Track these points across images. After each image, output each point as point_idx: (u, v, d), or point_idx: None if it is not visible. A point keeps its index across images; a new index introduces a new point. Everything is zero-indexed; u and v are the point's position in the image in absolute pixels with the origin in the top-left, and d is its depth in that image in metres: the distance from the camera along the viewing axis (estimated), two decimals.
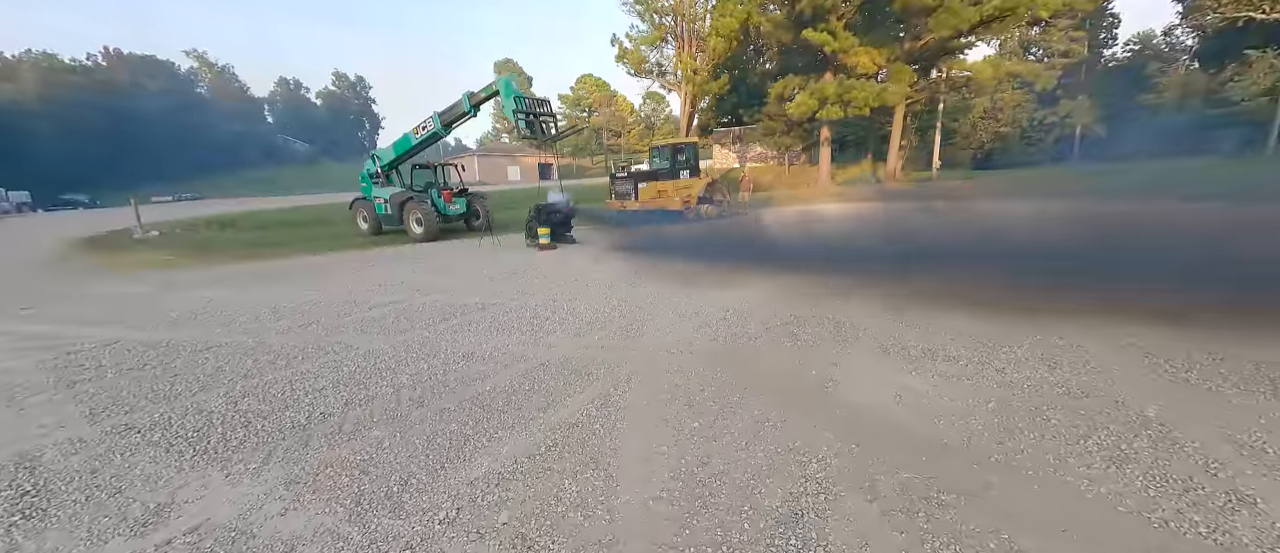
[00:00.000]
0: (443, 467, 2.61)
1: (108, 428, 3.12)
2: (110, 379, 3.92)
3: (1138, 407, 3.02)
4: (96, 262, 10.70)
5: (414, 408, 3.30)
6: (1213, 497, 2.21)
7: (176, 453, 2.80)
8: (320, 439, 2.92)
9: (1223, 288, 4.70)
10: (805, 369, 3.78)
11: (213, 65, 77.79)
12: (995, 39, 45.67)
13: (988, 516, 2.15)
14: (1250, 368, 3.44)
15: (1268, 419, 2.82)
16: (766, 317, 5.13)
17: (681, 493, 2.36)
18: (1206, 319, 4.17)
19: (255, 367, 4.12)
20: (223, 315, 5.81)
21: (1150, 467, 2.44)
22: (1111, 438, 2.70)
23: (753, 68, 35.26)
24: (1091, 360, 3.71)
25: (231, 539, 2.11)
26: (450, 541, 2.07)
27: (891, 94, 22.17)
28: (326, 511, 2.28)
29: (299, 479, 2.52)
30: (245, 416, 3.23)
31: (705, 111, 41.53)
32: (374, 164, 14.31)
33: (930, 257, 7.66)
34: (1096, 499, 2.23)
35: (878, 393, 3.35)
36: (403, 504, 2.31)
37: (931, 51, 24.58)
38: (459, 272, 8.31)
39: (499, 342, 4.61)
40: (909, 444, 2.72)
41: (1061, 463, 2.51)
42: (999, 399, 3.19)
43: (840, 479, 2.44)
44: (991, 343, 4.15)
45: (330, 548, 2.04)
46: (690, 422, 3.02)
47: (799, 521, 2.16)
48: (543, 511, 2.25)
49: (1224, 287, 4.73)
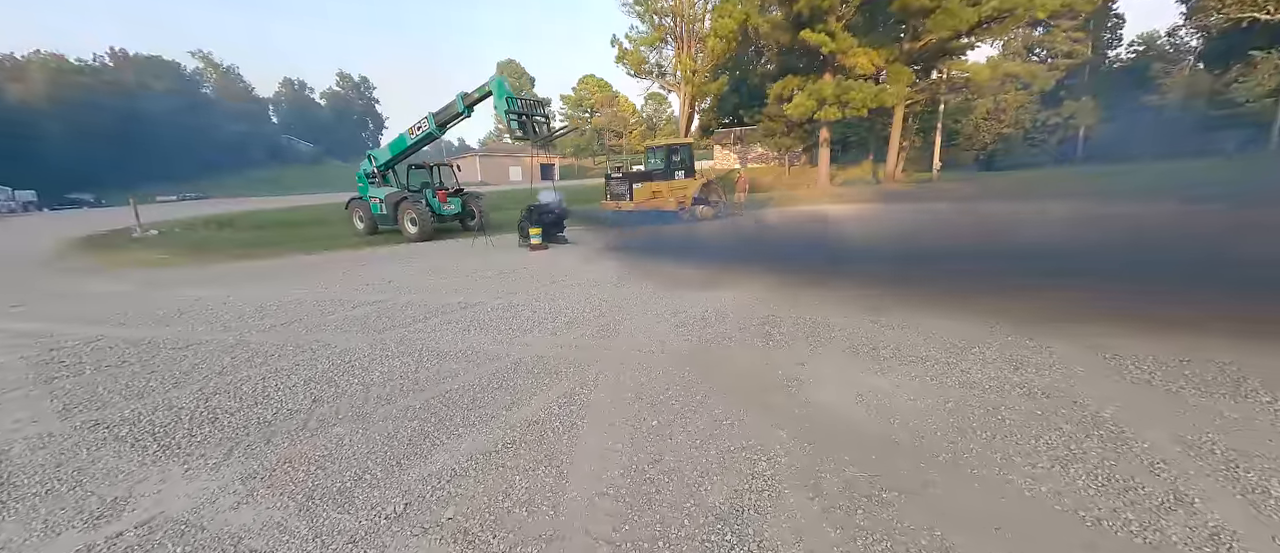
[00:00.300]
0: (399, 463, 2.65)
1: (78, 423, 3.18)
2: (88, 376, 3.99)
3: (1095, 408, 3.03)
4: (92, 261, 10.82)
5: (380, 405, 3.35)
6: (1151, 497, 2.22)
7: (141, 448, 2.86)
8: (283, 436, 2.97)
9: (1207, 292, 4.71)
10: (772, 369, 3.81)
11: (218, 66, 78.39)
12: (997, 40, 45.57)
13: (925, 513, 2.17)
14: (1215, 370, 3.45)
15: (1222, 420, 2.83)
16: (744, 317, 5.16)
17: (629, 490, 2.40)
18: (1189, 324, 4.17)
19: (231, 364, 4.18)
20: (208, 314, 5.89)
21: (1095, 467, 2.46)
22: (1063, 438, 2.71)
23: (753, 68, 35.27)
24: (1058, 362, 3.72)
25: (180, 532, 2.16)
26: (393, 535, 2.11)
27: (889, 95, 22.15)
28: (277, 505, 2.32)
29: (256, 474, 2.57)
30: (214, 412, 3.29)
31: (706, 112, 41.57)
32: (370, 164, 14.41)
33: (917, 258, 7.68)
34: (1035, 498, 2.25)
35: (839, 393, 3.37)
36: (353, 500, 2.36)
37: (931, 52, 24.53)
38: (448, 271, 8.37)
39: (475, 341, 4.66)
40: (861, 443, 2.75)
41: (1007, 462, 2.53)
42: (958, 399, 3.21)
43: (787, 477, 2.46)
44: (963, 344, 4.17)
45: (276, 542, 2.09)
46: (649, 420, 3.05)
47: (739, 517, 2.19)
48: (489, 506, 2.29)
49: (1209, 290, 4.74)
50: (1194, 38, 43.72)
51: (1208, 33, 40.46)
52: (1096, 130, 41.02)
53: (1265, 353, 3.61)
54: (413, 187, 14.00)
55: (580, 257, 9.39)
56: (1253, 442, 2.61)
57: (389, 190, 13.65)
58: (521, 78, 65.16)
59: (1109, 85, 44.09)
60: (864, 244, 9.59)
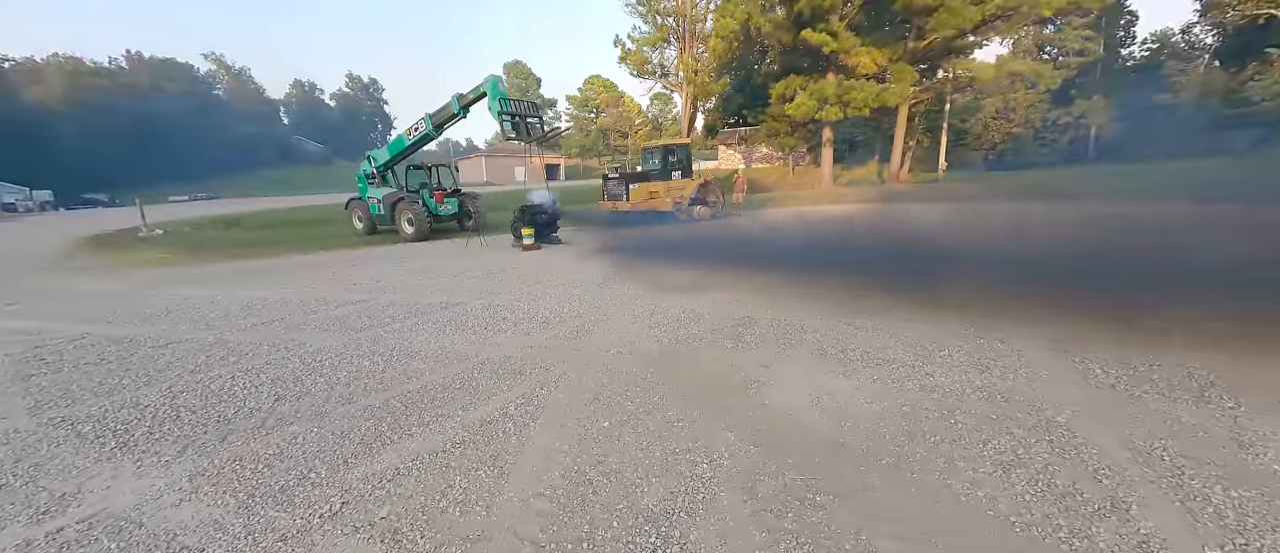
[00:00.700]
0: (346, 462, 2.68)
1: (45, 420, 3.26)
2: (64, 374, 4.07)
3: (1052, 412, 2.99)
4: (96, 260, 11.04)
5: (340, 405, 3.39)
6: (1088, 503, 2.19)
7: (100, 445, 2.92)
8: (240, 434, 3.02)
9: (1198, 295, 4.63)
10: (736, 371, 3.80)
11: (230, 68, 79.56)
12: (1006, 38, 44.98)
13: (855, 517, 2.16)
14: (1183, 375, 3.39)
15: (1178, 426, 2.78)
16: (719, 319, 5.15)
17: (566, 492, 2.41)
18: (1176, 327, 4.09)
19: (205, 362, 4.25)
20: (194, 313, 5.99)
21: (1038, 472, 2.42)
22: (1011, 442, 2.68)
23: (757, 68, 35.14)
24: (1024, 366, 3.67)
25: (119, 528, 2.20)
26: (324, 533, 2.14)
27: (892, 95, 21.97)
28: (218, 503, 2.36)
29: (204, 472, 2.61)
30: (177, 410, 3.35)
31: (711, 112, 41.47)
32: (370, 165, 14.56)
33: (902, 259, 7.62)
34: (970, 504, 2.23)
35: (797, 395, 3.36)
36: (293, 498, 2.39)
37: (936, 51, 24.30)
38: (438, 271, 8.43)
39: (449, 341, 4.70)
40: (808, 446, 2.74)
41: (950, 467, 2.50)
42: (916, 403, 3.18)
43: (726, 480, 2.46)
44: (933, 347, 4.13)
45: (208, 539, 2.12)
46: (602, 422, 3.06)
47: (669, 519, 2.19)
48: (424, 506, 2.31)
49: (1199, 293, 4.65)
50: (1209, 35, 42.87)
51: (1223, 30, 39.67)
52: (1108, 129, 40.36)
53: (1245, 358, 3.53)
54: (411, 187, 14.13)
55: (570, 257, 9.42)
56: (1205, 449, 2.56)
57: (387, 191, 13.79)
58: (528, 78, 65.43)
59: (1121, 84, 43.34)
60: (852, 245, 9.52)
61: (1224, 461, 2.46)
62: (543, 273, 7.95)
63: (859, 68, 22.24)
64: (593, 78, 55.66)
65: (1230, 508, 2.13)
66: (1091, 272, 5.80)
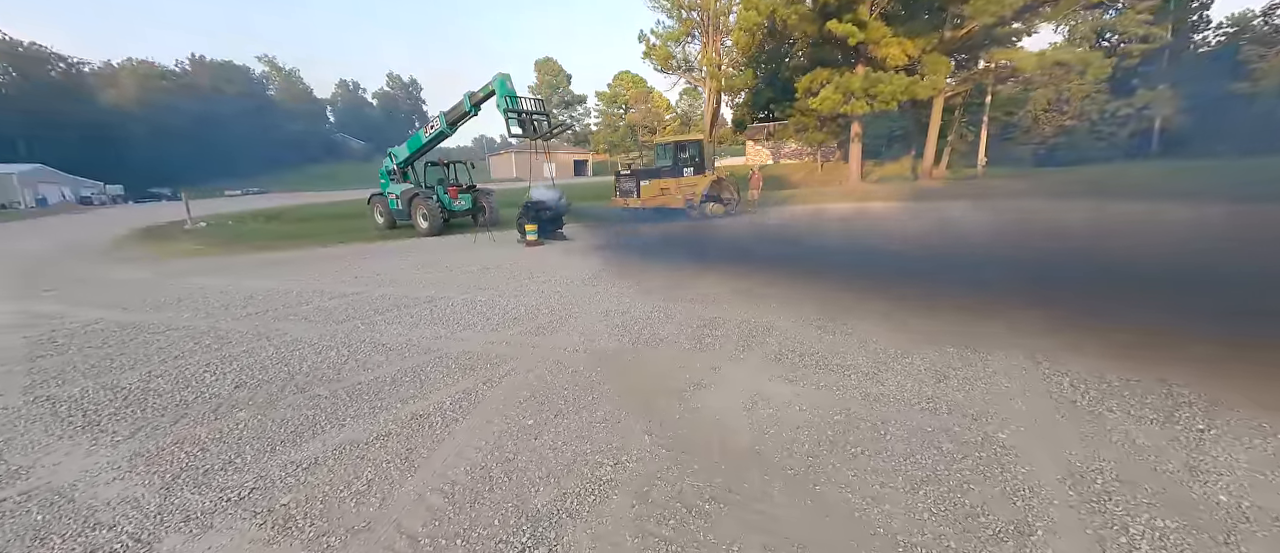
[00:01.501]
0: (273, 450, 2.81)
1: (34, 398, 3.56)
2: (67, 356, 4.43)
3: (995, 427, 2.82)
4: (138, 250, 11.93)
5: (293, 393, 3.55)
6: (991, 526, 2.06)
7: (69, 423, 3.17)
8: (192, 418, 3.21)
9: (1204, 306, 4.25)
10: (683, 373, 3.75)
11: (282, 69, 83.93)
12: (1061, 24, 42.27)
13: (737, 527, 2.11)
14: (1162, 393, 3.12)
15: (1129, 447, 2.57)
16: (689, 319, 5.09)
17: (464, 488, 2.44)
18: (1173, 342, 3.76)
19: (191, 349, 4.54)
20: (201, 301, 6.39)
21: (952, 490, 2.29)
22: (935, 457, 2.55)
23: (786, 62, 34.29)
24: (988, 377, 3.47)
25: (51, 502, 2.39)
26: (224, 516, 2.26)
27: (922, 87, 20.98)
28: (144, 483, 2.52)
29: (145, 453, 2.80)
30: (147, 393, 3.59)
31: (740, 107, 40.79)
32: (391, 162, 15.09)
33: (911, 260, 7.32)
34: (861, 519, 2.13)
35: (734, 399, 3.29)
36: (212, 481, 2.53)
37: (975, 41, 23.07)
38: (438, 266, 8.67)
39: (419, 334, 4.83)
40: (721, 452, 2.68)
41: (861, 479, 2.40)
42: (853, 411, 3.06)
43: (624, 484, 2.44)
44: (898, 354, 3.96)
45: (120, 515, 2.27)
46: (526, 420, 3.09)
47: (550, 520, 2.19)
48: (325, 496, 2.40)
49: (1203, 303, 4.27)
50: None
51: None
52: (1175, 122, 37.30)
53: (1246, 379, 3.19)
54: (429, 183, 14.55)
55: (569, 254, 9.49)
56: (1145, 473, 2.36)
57: (405, 187, 14.25)
58: (558, 75, 66.11)
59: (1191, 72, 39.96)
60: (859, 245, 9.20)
61: (1163, 487, 2.25)
62: (536, 269, 8.05)
63: (889, 59, 21.37)
64: (622, 73, 55.70)
65: (1146, 539, 1.95)
66: (1111, 277, 5.40)
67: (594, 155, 59.38)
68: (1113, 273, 5.52)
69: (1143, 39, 36.86)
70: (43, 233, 18.20)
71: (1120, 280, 5.25)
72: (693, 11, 26.85)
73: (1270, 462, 2.42)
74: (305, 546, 2.07)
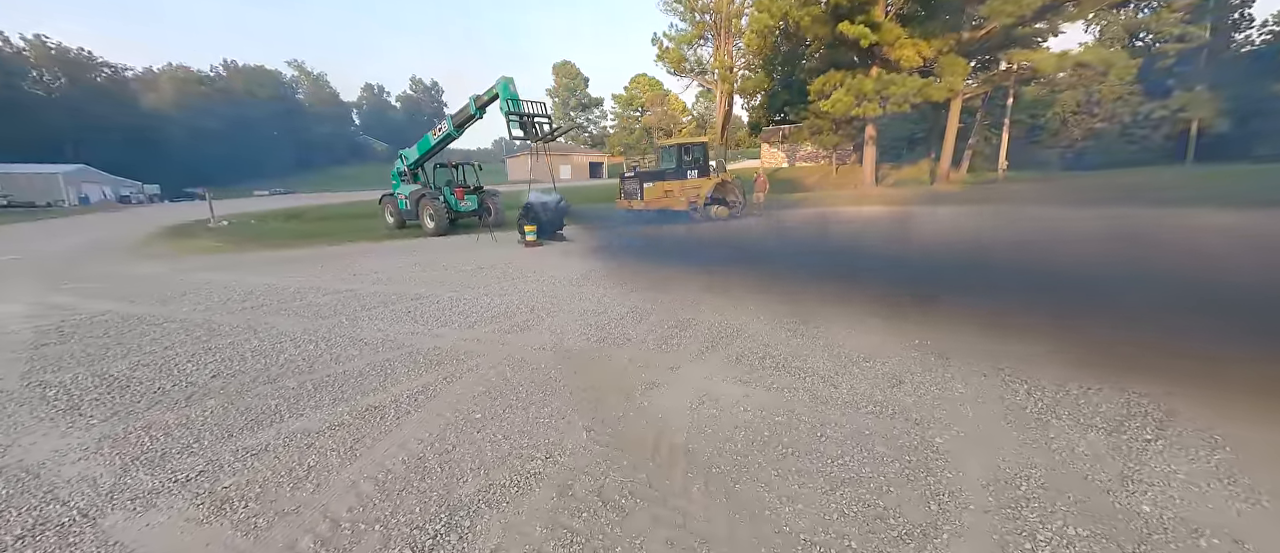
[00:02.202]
0: (229, 436, 2.96)
1: (29, 383, 3.80)
2: (69, 345, 4.70)
3: (935, 432, 2.79)
4: (161, 247, 12.49)
5: (263, 384, 3.71)
6: (897, 529, 2.05)
7: (52, 407, 3.38)
8: (165, 405, 3.39)
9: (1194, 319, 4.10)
10: (641, 372, 3.79)
11: (310, 74, 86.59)
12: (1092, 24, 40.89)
13: (647, 522, 2.15)
14: (1120, 404, 3.04)
15: (1067, 455, 2.52)
16: (662, 319, 5.12)
17: (398, 476, 2.54)
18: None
19: (182, 340, 4.76)
20: (205, 296, 6.68)
21: (870, 492, 2.29)
22: (864, 460, 2.54)
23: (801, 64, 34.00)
24: (943, 383, 3.43)
25: (18, 478, 2.56)
26: (167, 495, 2.39)
27: (937, 89, 20.56)
28: (104, 463, 2.68)
29: (113, 436, 2.97)
30: (129, 381, 3.80)
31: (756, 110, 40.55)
32: (402, 163, 15.47)
33: (905, 265, 7.23)
34: (771, 518, 2.15)
35: (682, 399, 3.32)
36: (165, 464, 2.67)
37: (994, 42, 22.51)
38: (435, 265, 8.86)
39: (397, 330, 4.98)
40: (653, 450, 2.72)
41: (782, 478, 2.41)
42: (797, 413, 3.06)
43: (552, 477, 2.50)
44: (861, 358, 3.93)
45: (76, 492, 2.43)
46: (474, 414, 3.17)
47: (468, 510, 2.26)
48: (265, 481, 2.52)
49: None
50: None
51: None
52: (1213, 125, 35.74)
53: (1216, 393, 3.09)
54: (438, 184, 14.88)
55: (564, 255, 9.61)
56: (1073, 481, 2.31)
57: (414, 188, 14.60)
58: (576, 78, 66.71)
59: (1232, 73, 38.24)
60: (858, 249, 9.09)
61: (1087, 495, 2.21)
62: (529, 269, 8.18)
63: (903, 61, 21.01)
64: (638, 76, 55.96)
65: (1051, 546, 1.93)
66: (1109, 288, 5.25)
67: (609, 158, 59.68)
68: (1114, 281, 5.36)
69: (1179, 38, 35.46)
70: (79, 230, 19.16)
71: (1121, 288, 5.10)
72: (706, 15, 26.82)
73: (1209, 474, 2.35)
74: (233, 526, 2.18)
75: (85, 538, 2.11)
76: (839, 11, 20.91)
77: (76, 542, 2.09)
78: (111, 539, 2.10)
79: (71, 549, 2.05)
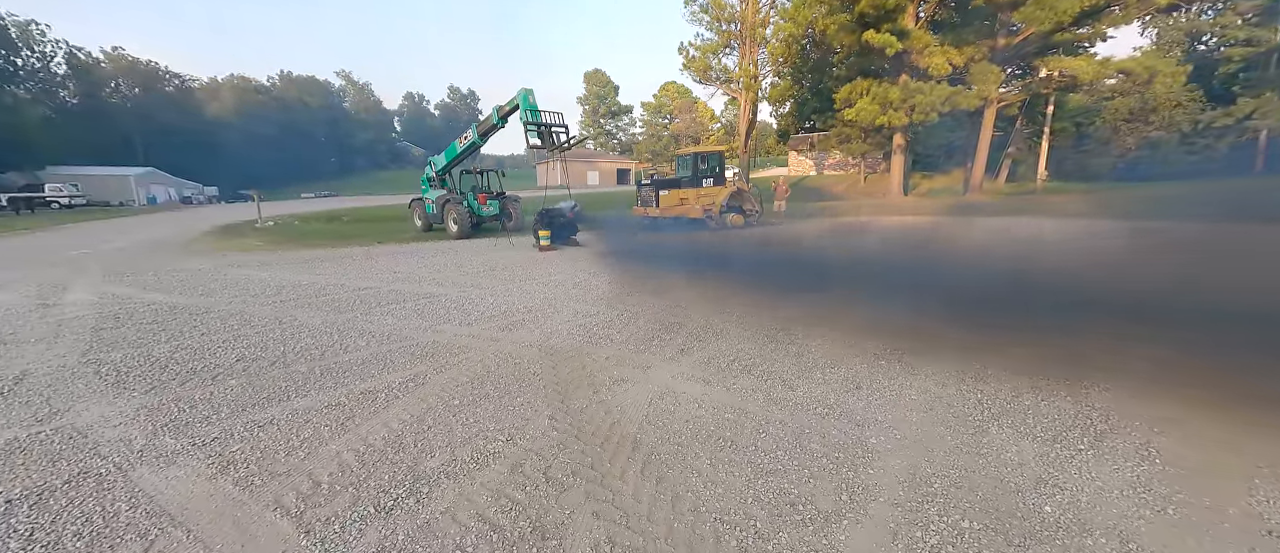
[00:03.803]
0: (243, 410, 3.39)
1: (86, 360, 4.38)
2: (122, 330, 5.34)
3: (872, 433, 2.95)
4: (210, 244, 13.57)
5: (277, 368, 4.16)
6: (803, 513, 2.25)
7: (103, 381, 3.91)
8: (194, 382, 3.87)
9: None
10: (615, 369, 4.06)
11: (356, 83, 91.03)
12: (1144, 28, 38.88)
13: (581, 498, 2.41)
14: (1070, 412, 3.12)
15: (997, 459, 2.64)
16: (651, 322, 5.37)
17: (375, 449, 2.88)
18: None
19: (216, 328, 5.33)
20: (242, 289, 7.34)
21: (790, 482, 2.48)
22: (794, 454, 2.73)
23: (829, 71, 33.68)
24: (897, 390, 3.55)
25: (70, 436, 3.05)
26: (188, 456, 2.81)
27: (967, 97, 20.06)
28: (139, 428, 3.15)
29: (149, 407, 3.45)
30: (168, 361, 4.33)
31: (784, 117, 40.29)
32: (431, 169, 16.28)
33: (910, 273, 7.23)
34: (690, 498, 2.37)
35: (645, 394, 3.56)
36: (188, 430, 3.11)
37: (1031, 48, 21.79)
38: (451, 266, 9.38)
39: (403, 325, 5.41)
40: (604, 438, 2.97)
41: (712, 467, 2.63)
42: (749, 411, 3.26)
43: (508, 456, 2.79)
44: (827, 363, 4.09)
45: (114, 449, 2.88)
46: (453, 400, 3.51)
47: (430, 479, 2.58)
48: (266, 447, 2.91)
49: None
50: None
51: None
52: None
53: (1172, 403, 3.13)
54: (463, 190, 15.60)
55: (573, 259, 9.97)
56: (987, 482, 2.45)
57: (441, 193, 15.34)
58: (607, 85, 67.81)
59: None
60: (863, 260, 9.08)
61: (996, 495, 2.34)
62: (538, 272, 8.57)
63: (932, 69, 20.62)
64: (667, 84, 56.48)
65: (939, 535, 2.08)
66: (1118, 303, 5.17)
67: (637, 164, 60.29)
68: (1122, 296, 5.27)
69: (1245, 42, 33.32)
70: (145, 227, 20.90)
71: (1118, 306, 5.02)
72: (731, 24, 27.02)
73: (1129, 483, 2.44)
74: (234, 482, 2.57)
75: (117, 485, 2.54)
76: (866, 20, 20.71)
77: (110, 487, 2.52)
78: (137, 487, 2.52)
79: (106, 493, 2.47)
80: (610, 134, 67.65)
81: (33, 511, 2.34)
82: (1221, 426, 2.89)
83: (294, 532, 2.19)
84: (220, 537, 2.16)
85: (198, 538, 2.15)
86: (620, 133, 67.75)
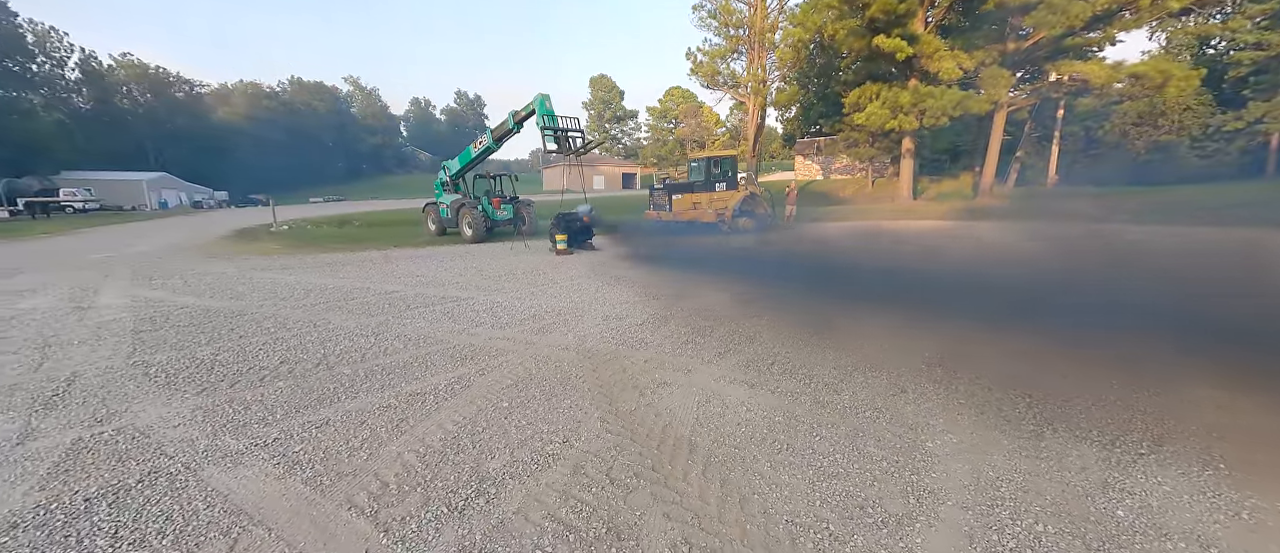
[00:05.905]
0: (297, 411, 3.43)
1: (132, 362, 4.44)
2: (161, 332, 5.40)
3: (928, 436, 2.96)
4: (228, 248, 13.69)
5: (323, 370, 4.21)
6: (874, 516, 2.26)
7: (154, 383, 3.97)
8: (243, 384, 3.92)
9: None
10: (656, 372, 4.08)
11: (363, 89, 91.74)
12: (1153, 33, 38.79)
13: (648, 499, 2.43)
14: (1064, 417, 3.12)
15: (1059, 465, 2.65)
16: (682, 326, 5.40)
17: (436, 450, 2.91)
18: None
19: (253, 331, 5.38)
20: (270, 292, 7.41)
21: (856, 484, 2.50)
22: (854, 457, 2.74)
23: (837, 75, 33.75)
24: (944, 395, 3.56)
25: (133, 436, 3.09)
26: (252, 456, 2.85)
27: (977, 102, 20.06)
28: (199, 428, 3.19)
29: (204, 408, 3.50)
30: (213, 363, 4.38)
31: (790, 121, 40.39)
32: (444, 174, 16.39)
33: (920, 280, 7.20)
34: (758, 501, 2.39)
35: (690, 398, 3.58)
36: (247, 431, 3.15)
37: (1041, 53, 21.78)
38: (470, 270, 9.44)
39: (437, 329, 5.45)
40: (660, 440, 3.00)
41: (774, 469, 2.64)
42: (798, 414, 3.28)
43: (567, 458, 2.82)
44: (868, 367, 4.10)
45: (178, 449, 2.93)
46: (501, 403, 3.54)
47: (496, 480, 2.61)
48: (327, 448, 2.95)
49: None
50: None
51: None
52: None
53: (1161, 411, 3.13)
54: (477, 194, 15.69)
55: (592, 263, 10.01)
56: (1050, 483, 2.45)
57: (455, 197, 15.43)
58: (612, 90, 68.10)
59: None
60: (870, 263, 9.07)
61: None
62: (557, 276, 8.61)
63: (942, 73, 20.63)
64: (672, 89, 56.66)
65: (1016, 540, 2.09)
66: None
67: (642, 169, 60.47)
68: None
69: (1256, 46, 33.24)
70: (160, 232, 21.09)
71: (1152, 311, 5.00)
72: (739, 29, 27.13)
73: (1197, 488, 2.43)
74: (304, 481, 2.61)
75: (190, 485, 2.58)
76: (875, 25, 20.77)
77: (183, 487, 2.56)
78: (210, 486, 2.56)
79: (180, 492, 2.51)
80: (615, 139, 67.90)
81: (112, 509, 2.39)
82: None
83: (372, 530, 2.22)
84: (301, 535, 2.20)
85: (280, 536, 2.19)
86: (625, 137, 67.97)
